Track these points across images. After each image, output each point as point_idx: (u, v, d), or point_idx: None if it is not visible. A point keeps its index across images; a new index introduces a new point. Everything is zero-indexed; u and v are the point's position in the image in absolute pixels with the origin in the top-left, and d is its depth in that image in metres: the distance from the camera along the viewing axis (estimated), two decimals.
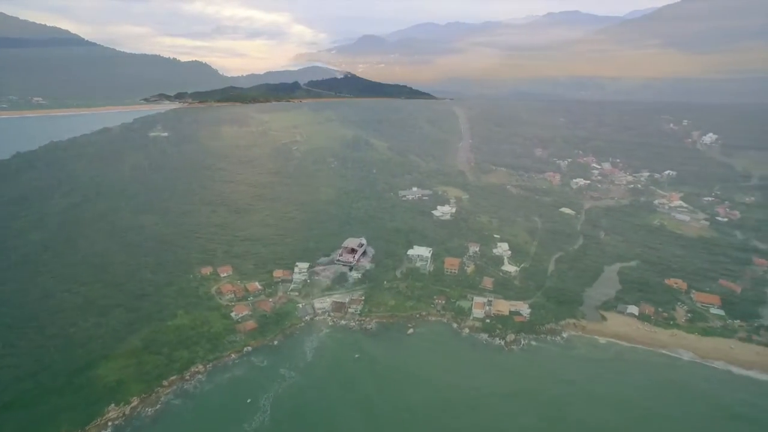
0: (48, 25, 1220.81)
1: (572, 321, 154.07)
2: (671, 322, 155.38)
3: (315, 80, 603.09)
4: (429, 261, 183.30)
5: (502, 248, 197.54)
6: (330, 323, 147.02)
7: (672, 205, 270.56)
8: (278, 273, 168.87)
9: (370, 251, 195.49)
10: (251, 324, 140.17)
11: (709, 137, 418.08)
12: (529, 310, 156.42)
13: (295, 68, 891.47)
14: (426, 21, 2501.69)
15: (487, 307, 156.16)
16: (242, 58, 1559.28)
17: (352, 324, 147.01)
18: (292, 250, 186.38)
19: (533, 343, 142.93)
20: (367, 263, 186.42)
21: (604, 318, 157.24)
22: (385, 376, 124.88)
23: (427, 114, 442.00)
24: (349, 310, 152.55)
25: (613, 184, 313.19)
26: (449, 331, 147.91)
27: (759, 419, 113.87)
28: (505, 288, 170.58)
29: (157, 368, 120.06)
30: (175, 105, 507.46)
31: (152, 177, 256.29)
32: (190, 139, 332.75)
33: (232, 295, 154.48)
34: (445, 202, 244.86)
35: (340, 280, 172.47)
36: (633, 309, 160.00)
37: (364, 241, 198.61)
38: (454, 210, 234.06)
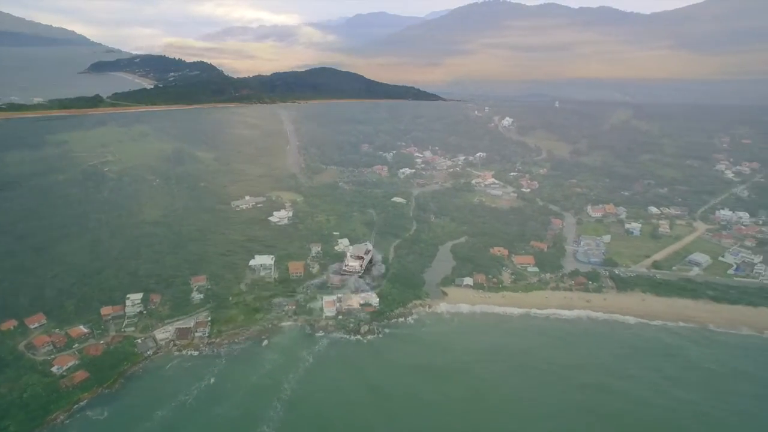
0: (54, 25, 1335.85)
1: (418, 302, 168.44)
2: (500, 286, 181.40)
3: (120, 92, 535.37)
4: (273, 268, 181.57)
5: (343, 244, 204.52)
6: (176, 353, 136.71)
7: (486, 183, 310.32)
8: (107, 310, 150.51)
9: (377, 257, 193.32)
10: (81, 374, 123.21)
11: (506, 121, 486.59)
12: (377, 300, 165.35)
13: (302, 69, 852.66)
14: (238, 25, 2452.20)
15: (338, 304, 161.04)
16: (251, 60, 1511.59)
17: (202, 348, 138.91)
18: (119, 282, 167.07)
19: (386, 330, 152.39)
20: (374, 270, 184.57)
21: (445, 293, 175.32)
22: (244, 396, 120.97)
23: (252, 120, 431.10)
24: (196, 334, 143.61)
25: (435, 170, 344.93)
26: (304, 334, 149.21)
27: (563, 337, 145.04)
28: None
29: None
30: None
31: None
32: None
33: (50, 347, 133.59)
34: (280, 207, 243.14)
35: (354, 289, 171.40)
36: (468, 280, 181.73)
37: (370, 246, 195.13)
38: (290, 214, 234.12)
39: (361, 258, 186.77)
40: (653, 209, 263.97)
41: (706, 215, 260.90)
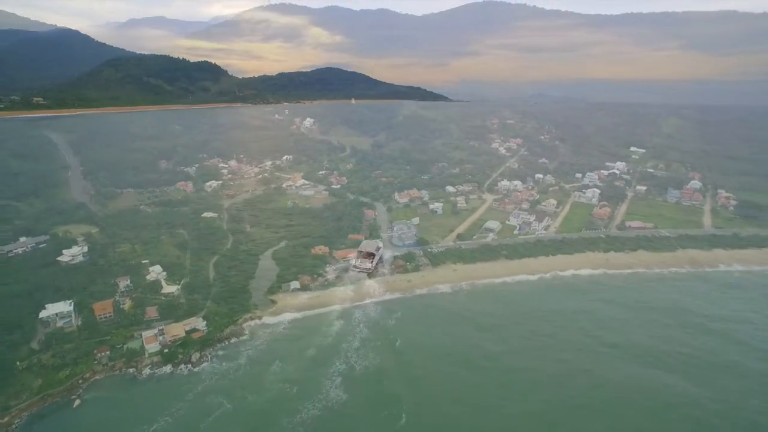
0: (58, 25, 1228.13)
1: (248, 315, 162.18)
2: (327, 283, 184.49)
3: None
4: (74, 314, 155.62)
5: (156, 271, 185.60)
6: None
7: (297, 184, 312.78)
8: None
9: (386, 256, 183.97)
10: None
11: (308, 122, 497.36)
12: (204, 323, 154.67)
13: (308, 70, 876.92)
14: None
15: (161, 337, 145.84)
16: (259, 60, 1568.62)
17: None
18: None
19: (221, 352, 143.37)
20: (385, 269, 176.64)
21: (274, 301, 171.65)
22: None
23: (12, 146, 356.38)
24: None
25: (243, 178, 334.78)
26: (125, 380, 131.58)
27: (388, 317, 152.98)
28: (172, 310, 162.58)
29: None
30: None
31: None
32: None
33: None
34: (70, 243, 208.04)
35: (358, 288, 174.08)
36: (295, 284, 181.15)
37: (380, 244, 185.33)
38: (85, 249, 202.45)
39: (372, 255, 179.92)
40: (450, 188, 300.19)
41: (491, 187, 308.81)
